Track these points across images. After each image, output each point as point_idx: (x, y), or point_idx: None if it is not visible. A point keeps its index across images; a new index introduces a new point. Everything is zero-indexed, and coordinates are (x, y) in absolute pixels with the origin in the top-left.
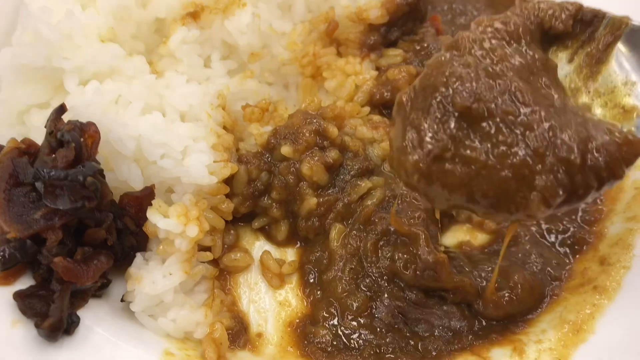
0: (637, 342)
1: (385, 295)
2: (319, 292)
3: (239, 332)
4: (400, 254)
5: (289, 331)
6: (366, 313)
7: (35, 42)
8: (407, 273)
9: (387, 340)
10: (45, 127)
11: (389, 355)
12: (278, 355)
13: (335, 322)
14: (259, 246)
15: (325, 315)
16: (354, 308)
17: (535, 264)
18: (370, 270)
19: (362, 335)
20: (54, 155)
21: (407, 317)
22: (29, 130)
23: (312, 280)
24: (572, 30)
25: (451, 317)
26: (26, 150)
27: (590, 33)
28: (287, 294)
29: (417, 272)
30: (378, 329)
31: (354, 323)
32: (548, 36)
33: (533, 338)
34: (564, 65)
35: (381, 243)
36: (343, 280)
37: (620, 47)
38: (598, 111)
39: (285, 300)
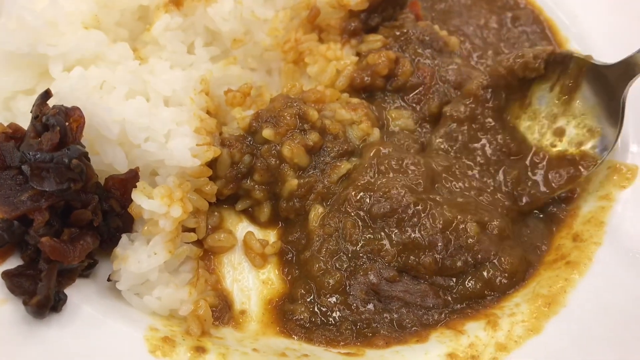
0: (605, 314)
1: (360, 273)
2: (297, 271)
3: (223, 309)
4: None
5: (270, 308)
6: (341, 290)
7: (20, 29)
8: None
9: (363, 316)
10: (31, 112)
11: (365, 330)
12: (260, 331)
13: (312, 300)
14: (242, 227)
15: (303, 293)
16: (329, 286)
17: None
18: (346, 249)
19: (339, 312)
20: (39, 139)
21: (380, 295)
22: (15, 116)
23: (290, 260)
24: (545, 71)
25: (425, 295)
26: (12, 134)
27: (563, 69)
28: (270, 273)
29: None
30: (353, 306)
31: (330, 300)
32: (525, 80)
33: (507, 312)
34: (546, 93)
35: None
36: (319, 259)
37: (587, 79)
38: (572, 131)
39: (268, 279)
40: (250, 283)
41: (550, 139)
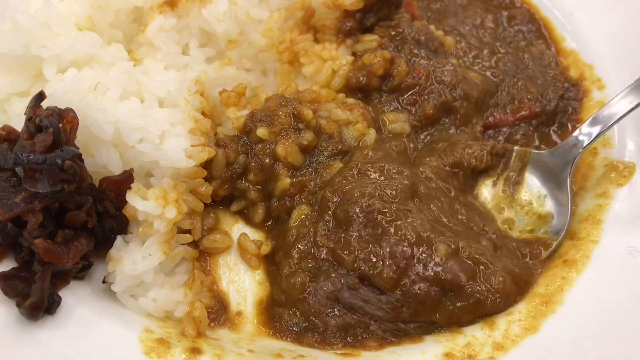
0: (604, 312)
1: (323, 278)
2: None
3: (219, 311)
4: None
5: (261, 310)
6: (305, 294)
7: (14, 31)
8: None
9: (340, 321)
10: (24, 114)
11: (347, 335)
12: (256, 332)
13: (292, 303)
14: (238, 228)
15: (280, 295)
16: (294, 288)
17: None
18: (314, 251)
19: (314, 317)
20: (32, 141)
21: (340, 302)
22: (10, 118)
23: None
24: (491, 163)
25: (390, 308)
26: (6, 136)
27: (505, 162)
28: (266, 273)
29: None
30: (321, 312)
31: (304, 304)
32: (474, 172)
33: (503, 311)
34: (491, 189)
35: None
36: (288, 261)
37: (530, 169)
38: (522, 219)
39: (263, 280)
40: (247, 284)
41: (502, 227)
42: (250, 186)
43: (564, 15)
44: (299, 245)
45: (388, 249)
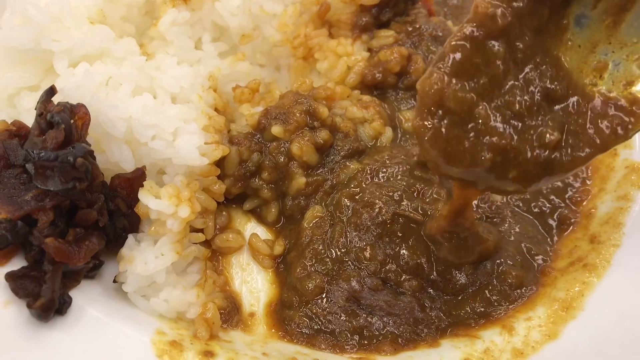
0: (625, 318)
1: (343, 279)
2: (286, 273)
3: (232, 312)
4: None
5: (270, 312)
6: (321, 296)
7: (24, 24)
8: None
9: (354, 324)
10: (35, 109)
11: (361, 338)
12: (269, 334)
13: (303, 305)
14: (251, 227)
15: (291, 297)
16: (309, 290)
17: (521, 238)
18: (331, 252)
19: (327, 319)
20: (43, 137)
21: (360, 303)
22: (20, 113)
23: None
24: None
25: (411, 309)
26: (17, 132)
27: None
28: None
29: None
30: (338, 314)
31: (313, 307)
32: None
33: (522, 316)
34: (587, 12)
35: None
36: (302, 262)
37: None
38: (619, 65)
39: (276, 280)
40: (259, 284)
41: (589, 75)
42: (264, 185)
43: None
44: (314, 247)
45: (408, 258)
